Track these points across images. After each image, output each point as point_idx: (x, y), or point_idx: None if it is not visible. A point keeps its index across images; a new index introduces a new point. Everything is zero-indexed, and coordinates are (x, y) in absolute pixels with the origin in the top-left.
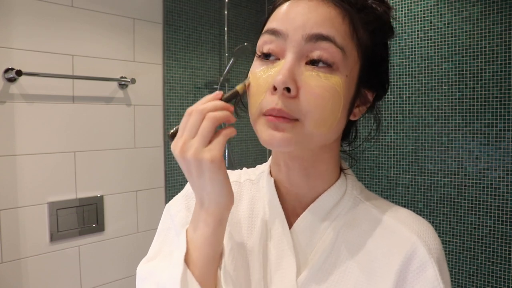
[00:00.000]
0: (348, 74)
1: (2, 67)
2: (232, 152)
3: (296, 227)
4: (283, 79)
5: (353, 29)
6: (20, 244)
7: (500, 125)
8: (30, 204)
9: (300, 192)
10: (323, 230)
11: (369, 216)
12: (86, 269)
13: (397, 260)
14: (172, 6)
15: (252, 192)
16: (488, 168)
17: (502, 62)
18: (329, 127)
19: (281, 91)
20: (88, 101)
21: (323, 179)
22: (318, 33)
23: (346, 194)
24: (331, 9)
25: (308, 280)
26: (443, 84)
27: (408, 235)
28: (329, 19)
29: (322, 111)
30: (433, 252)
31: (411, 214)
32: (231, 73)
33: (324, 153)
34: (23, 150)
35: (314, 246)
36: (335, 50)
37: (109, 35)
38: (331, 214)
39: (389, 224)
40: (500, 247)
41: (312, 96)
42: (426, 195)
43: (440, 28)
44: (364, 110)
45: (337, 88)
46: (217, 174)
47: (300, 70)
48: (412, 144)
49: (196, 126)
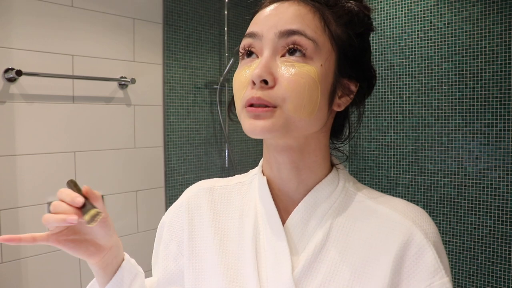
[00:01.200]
0: (323, 64)
1: (2, 67)
2: (232, 152)
3: (289, 223)
4: (259, 73)
5: (324, 23)
6: (20, 244)
7: (500, 125)
8: (30, 204)
9: (291, 187)
10: (316, 223)
11: (363, 206)
12: (86, 269)
13: (393, 247)
14: (172, 6)
15: (242, 194)
16: (488, 168)
17: (502, 62)
18: (309, 113)
19: (258, 84)
20: (88, 101)
21: (313, 172)
22: (289, 29)
23: (338, 187)
24: (301, 7)
25: (304, 274)
26: (443, 84)
27: (403, 222)
28: (298, 16)
29: (299, 96)
30: (430, 236)
31: (405, 202)
32: (231, 73)
33: (310, 144)
34: (23, 150)
35: (308, 240)
36: (306, 42)
37: (109, 35)
38: (323, 207)
39: (383, 213)
40: (500, 247)
41: (288, 82)
42: (426, 195)
43: (440, 28)
44: (348, 101)
45: (311, 75)
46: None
47: (276, 63)
48: (412, 144)
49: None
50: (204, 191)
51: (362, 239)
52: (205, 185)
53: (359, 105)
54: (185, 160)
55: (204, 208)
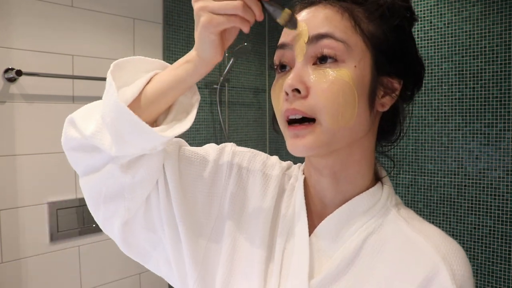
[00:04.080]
0: (357, 65)
1: (2, 67)
2: None
3: (319, 230)
4: (290, 82)
5: (354, 23)
6: (20, 244)
7: (500, 125)
8: (30, 204)
9: (327, 195)
10: (348, 236)
11: (398, 229)
12: (86, 269)
13: (416, 280)
14: (172, 6)
15: (292, 188)
16: (488, 168)
17: (502, 62)
18: (348, 119)
19: (291, 94)
20: (88, 101)
21: (354, 184)
22: (317, 33)
23: (379, 203)
24: (328, 10)
25: (322, 284)
26: (443, 84)
27: (432, 256)
28: (326, 19)
29: (334, 104)
30: (458, 278)
31: (443, 235)
32: (231, 73)
33: (354, 152)
34: (23, 150)
35: (336, 251)
36: (336, 44)
37: (109, 35)
38: (358, 221)
39: (416, 241)
40: (500, 247)
41: (321, 91)
42: (426, 195)
43: (440, 28)
44: (393, 99)
45: (345, 79)
46: (206, 35)
47: (308, 72)
48: (412, 144)
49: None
50: (287, 178)
51: (390, 263)
52: (289, 173)
53: (408, 101)
54: None
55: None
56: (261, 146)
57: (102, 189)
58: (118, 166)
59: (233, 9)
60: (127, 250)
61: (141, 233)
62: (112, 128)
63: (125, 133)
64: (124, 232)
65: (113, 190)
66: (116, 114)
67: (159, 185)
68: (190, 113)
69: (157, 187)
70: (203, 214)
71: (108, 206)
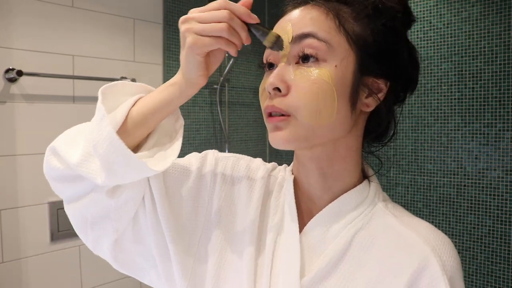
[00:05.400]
0: (338, 64)
1: (3, 67)
2: (232, 152)
3: (308, 227)
4: (272, 81)
5: (338, 23)
6: (20, 244)
7: (499, 125)
8: (30, 204)
9: (316, 193)
10: (337, 233)
11: (387, 224)
12: (87, 269)
13: (406, 272)
14: (172, 6)
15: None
16: (487, 168)
17: (501, 62)
18: (326, 118)
19: (273, 92)
20: (88, 101)
21: (341, 181)
22: (301, 33)
23: (367, 200)
24: (313, 11)
25: (314, 282)
26: (442, 84)
27: (422, 248)
28: (311, 19)
29: (312, 102)
30: (448, 269)
31: (431, 228)
32: (231, 73)
33: (338, 149)
34: (23, 150)
35: (325, 249)
36: (318, 44)
37: (109, 35)
38: (347, 218)
39: (405, 234)
40: (500, 247)
41: (300, 90)
42: (426, 195)
43: (439, 28)
44: (378, 100)
45: (324, 78)
46: (191, 56)
47: (289, 71)
48: (412, 144)
49: (211, 13)
50: (273, 179)
51: (380, 258)
52: (274, 174)
53: (399, 103)
54: None
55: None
56: (261, 146)
57: (87, 215)
58: (103, 192)
59: (219, 31)
60: (120, 267)
61: (131, 247)
62: (104, 160)
63: (118, 167)
64: (114, 250)
65: (99, 215)
66: (110, 148)
67: (146, 200)
68: (176, 139)
69: (144, 203)
70: (190, 224)
71: (96, 230)
